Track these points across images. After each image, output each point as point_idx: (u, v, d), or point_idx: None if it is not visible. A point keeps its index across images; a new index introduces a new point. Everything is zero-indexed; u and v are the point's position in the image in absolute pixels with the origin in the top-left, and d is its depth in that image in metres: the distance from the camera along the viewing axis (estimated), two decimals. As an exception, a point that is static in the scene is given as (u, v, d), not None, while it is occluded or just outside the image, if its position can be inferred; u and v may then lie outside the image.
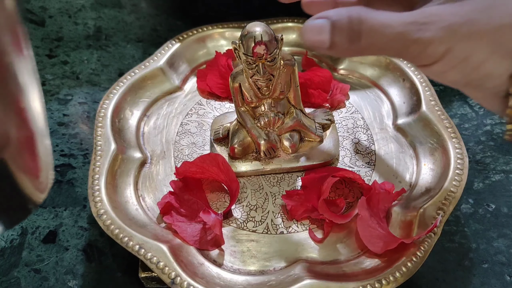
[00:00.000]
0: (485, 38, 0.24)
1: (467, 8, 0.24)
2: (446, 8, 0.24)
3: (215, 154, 0.40)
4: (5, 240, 0.41)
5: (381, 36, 0.25)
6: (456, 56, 0.24)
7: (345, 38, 0.25)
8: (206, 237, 0.37)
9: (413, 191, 0.41)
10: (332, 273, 0.35)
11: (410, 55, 0.25)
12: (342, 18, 0.25)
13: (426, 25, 0.24)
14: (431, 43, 0.24)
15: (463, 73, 0.25)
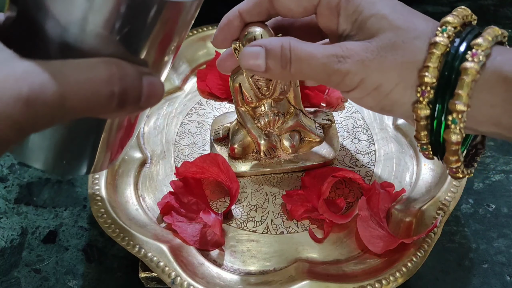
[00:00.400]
0: (391, 71, 0.28)
1: (376, 44, 0.28)
2: (360, 45, 0.28)
3: (215, 154, 0.40)
4: (5, 240, 0.41)
5: (307, 65, 0.29)
6: (369, 85, 0.29)
7: (277, 64, 0.29)
8: (206, 237, 0.37)
9: (413, 191, 0.41)
10: (332, 273, 0.35)
11: (332, 83, 0.29)
12: (275, 46, 0.29)
13: (344, 58, 0.28)
14: (348, 74, 0.28)
15: (376, 100, 0.29)
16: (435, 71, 0.27)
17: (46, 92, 0.17)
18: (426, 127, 0.28)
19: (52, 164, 0.24)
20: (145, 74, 0.21)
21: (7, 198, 0.44)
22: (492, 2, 0.64)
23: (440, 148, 0.29)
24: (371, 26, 0.29)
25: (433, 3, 0.64)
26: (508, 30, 0.59)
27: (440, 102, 0.27)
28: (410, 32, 0.28)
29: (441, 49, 0.27)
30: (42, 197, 0.44)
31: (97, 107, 0.19)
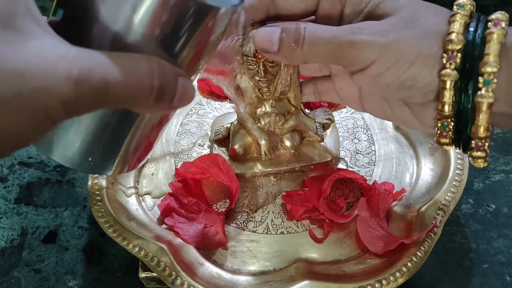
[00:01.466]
0: (411, 42, 0.27)
1: (393, 19, 0.27)
2: (374, 22, 0.28)
3: (215, 155, 0.40)
4: (5, 240, 0.41)
5: (321, 41, 0.28)
6: (387, 59, 0.27)
7: (290, 43, 0.29)
8: (208, 237, 0.37)
9: (413, 191, 0.41)
10: (332, 273, 0.35)
11: (348, 57, 0.28)
12: (291, 26, 0.29)
13: (360, 29, 0.27)
14: (365, 46, 0.27)
15: (396, 74, 0.28)
16: (460, 36, 0.26)
17: (94, 76, 0.18)
18: (451, 97, 0.27)
19: (78, 161, 0.24)
20: (180, 75, 0.22)
21: (7, 198, 0.44)
22: (492, 2, 0.64)
23: (465, 121, 0.28)
24: (386, 7, 0.28)
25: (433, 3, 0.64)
26: (508, 30, 0.59)
27: (468, 66, 0.26)
28: (427, 9, 0.28)
29: (463, 19, 0.27)
30: (42, 197, 0.44)
31: (136, 99, 0.20)
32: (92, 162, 0.24)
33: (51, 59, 0.18)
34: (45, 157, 0.47)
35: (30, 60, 0.18)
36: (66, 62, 0.18)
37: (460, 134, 0.29)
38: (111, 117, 0.23)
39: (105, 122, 0.23)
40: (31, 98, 0.17)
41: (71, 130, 0.23)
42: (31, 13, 0.19)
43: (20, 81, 0.17)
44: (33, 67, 0.18)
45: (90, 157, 0.24)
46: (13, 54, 0.17)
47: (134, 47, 0.21)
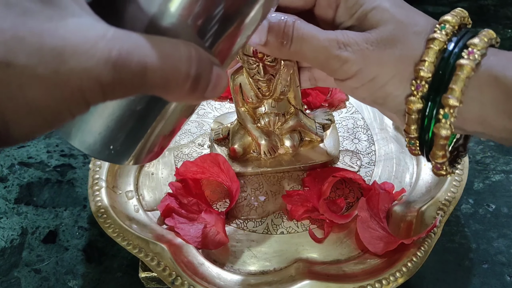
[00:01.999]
0: (388, 64, 0.28)
1: (376, 36, 0.28)
2: (361, 35, 0.29)
3: (215, 154, 0.40)
4: (5, 240, 0.41)
5: (308, 45, 0.29)
6: (365, 76, 0.29)
7: (278, 40, 0.29)
8: (209, 237, 0.37)
9: (413, 191, 0.41)
10: (332, 273, 0.35)
11: (330, 67, 0.29)
12: (279, 21, 0.29)
13: (345, 46, 0.28)
14: (347, 62, 0.28)
15: (370, 91, 0.30)
16: (431, 66, 0.27)
17: (133, 59, 0.18)
18: (416, 121, 0.29)
19: (99, 149, 0.23)
20: (215, 64, 0.22)
21: (7, 198, 0.44)
22: (492, 2, 0.64)
23: (428, 143, 0.29)
24: (372, 18, 0.29)
25: (433, 3, 0.64)
26: (508, 30, 0.59)
27: (433, 96, 0.28)
28: (410, 27, 0.28)
29: (438, 45, 0.27)
30: (42, 197, 0.44)
31: (171, 85, 0.20)
32: (113, 151, 0.23)
33: (90, 38, 0.17)
34: (45, 157, 0.47)
35: (70, 37, 0.17)
36: (105, 42, 0.17)
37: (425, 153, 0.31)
38: (139, 103, 0.22)
39: (132, 109, 0.22)
40: (69, 77, 0.17)
41: (95, 114, 0.22)
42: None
43: (59, 59, 0.17)
44: (73, 45, 0.17)
45: (111, 144, 0.23)
46: (52, 30, 0.17)
47: (170, 31, 0.21)
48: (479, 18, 0.63)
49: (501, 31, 0.60)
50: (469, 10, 0.28)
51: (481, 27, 0.29)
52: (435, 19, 0.30)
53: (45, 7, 0.17)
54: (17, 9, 0.17)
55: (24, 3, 0.17)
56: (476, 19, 0.61)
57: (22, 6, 0.17)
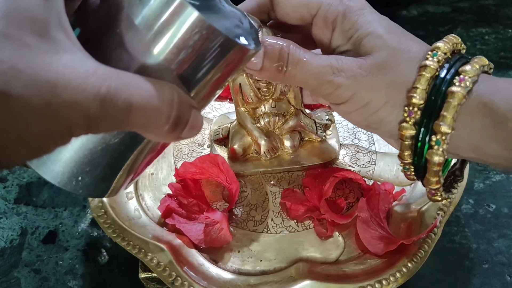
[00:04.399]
0: (381, 90, 0.29)
1: (369, 62, 0.29)
2: (355, 61, 0.29)
3: (215, 155, 0.40)
4: (5, 240, 0.41)
5: (301, 71, 0.29)
6: (358, 101, 0.29)
7: (273, 65, 0.29)
8: (211, 236, 0.37)
9: (413, 191, 0.41)
10: (332, 273, 0.35)
11: (323, 92, 0.30)
12: (274, 47, 0.29)
13: (339, 71, 0.29)
14: (340, 87, 0.29)
15: (364, 116, 0.30)
16: (423, 93, 0.28)
17: (120, 96, 0.19)
18: (410, 147, 0.29)
19: (66, 180, 0.23)
20: (194, 107, 0.22)
21: (7, 198, 0.44)
22: (492, 2, 0.64)
23: (422, 169, 0.29)
24: (366, 44, 0.29)
25: (433, 3, 0.64)
26: (509, 30, 0.59)
27: (425, 123, 0.28)
28: (403, 53, 0.29)
29: (430, 72, 0.28)
30: (42, 197, 0.44)
31: (152, 125, 0.21)
32: (80, 182, 0.24)
33: (82, 74, 0.18)
34: (45, 157, 0.47)
35: (63, 72, 0.18)
36: (95, 79, 0.18)
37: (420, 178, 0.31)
38: (114, 137, 0.23)
39: (106, 142, 0.23)
40: (60, 109, 0.18)
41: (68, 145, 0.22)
42: (62, 24, 0.19)
43: (52, 92, 0.17)
44: (66, 79, 0.18)
45: (79, 176, 0.23)
46: (47, 64, 0.18)
47: (155, 72, 0.21)
48: (479, 18, 0.63)
49: (502, 31, 0.60)
50: (470, 10, 0.28)
51: (482, 27, 0.29)
52: (435, 19, 0.30)
53: (42, 41, 0.18)
54: (15, 42, 0.17)
55: (23, 36, 0.18)
56: (477, 19, 0.61)
57: (20, 39, 0.17)
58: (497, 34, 0.60)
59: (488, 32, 0.60)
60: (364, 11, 0.30)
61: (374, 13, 0.31)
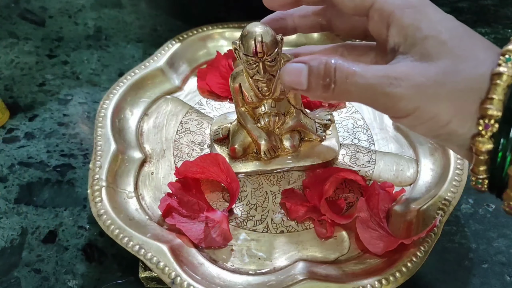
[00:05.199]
0: (449, 102, 0.26)
1: (434, 70, 0.26)
2: (416, 67, 0.26)
3: (215, 154, 0.40)
4: (5, 240, 0.41)
5: (353, 85, 0.27)
6: (424, 114, 0.26)
7: (320, 84, 0.27)
8: (211, 235, 0.37)
9: (413, 191, 0.41)
10: (332, 273, 0.35)
11: (381, 107, 0.27)
12: (320, 64, 0.27)
13: (397, 80, 0.26)
14: (401, 99, 0.26)
15: (431, 129, 0.27)
16: (499, 104, 0.25)
17: None
18: (486, 162, 0.26)
19: None
20: None
21: (7, 198, 0.44)
22: (492, 2, 0.64)
23: (500, 183, 0.27)
24: (428, 48, 0.26)
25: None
26: (508, 30, 0.59)
27: (505, 136, 0.25)
28: (469, 61, 0.26)
29: (506, 80, 0.25)
30: (42, 197, 0.44)
31: None
32: None
33: None
34: (45, 157, 0.47)
35: None
36: None
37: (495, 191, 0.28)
38: None
39: None
40: None
41: None
42: None
43: None
44: None
45: None
46: None
47: None
48: (479, 18, 0.63)
49: (501, 31, 0.60)
50: (469, 10, 0.28)
51: (481, 27, 0.29)
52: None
53: None
54: None
55: None
56: (476, 19, 0.61)
57: None
58: (497, 34, 0.60)
59: (488, 32, 0.60)
60: (427, 9, 0.27)
61: (438, 12, 0.28)
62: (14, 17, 0.63)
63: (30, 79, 0.55)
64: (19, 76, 0.55)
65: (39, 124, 0.50)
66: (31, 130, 0.50)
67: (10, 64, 0.57)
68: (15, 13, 0.63)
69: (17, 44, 0.59)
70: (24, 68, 0.56)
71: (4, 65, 0.57)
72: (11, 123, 0.50)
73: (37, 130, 0.50)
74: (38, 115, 0.51)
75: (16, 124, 0.50)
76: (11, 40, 0.60)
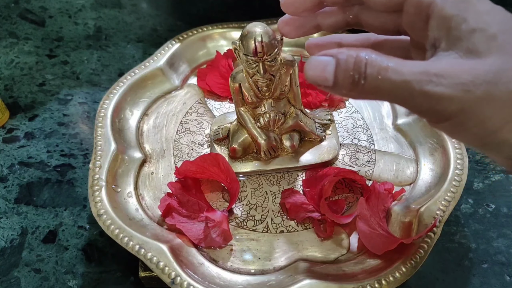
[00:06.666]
0: (502, 105, 0.22)
1: (483, 67, 0.22)
2: (461, 64, 0.23)
3: (215, 154, 0.40)
4: (5, 240, 0.41)
5: (386, 81, 0.23)
6: (470, 118, 0.23)
7: (348, 79, 0.24)
8: (211, 235, 0.37)
9: (413, 191, 0.41)
10: (332, 273, 0.35)
11: (417, 107, 0.24)
12: (349, 58, 0.24)
13: (438, 78, 0.22)
14: (442, 100, 0.22)
15: (477, 136, 0.23)
16: None
17: None
18: None
19: None
20: None
21: (7, 198, 0.44)
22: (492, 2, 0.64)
23: None
24: (475, 44, 0.23)
25: None
26: (508, 30, 0.59)
27: None
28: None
29: None
30: (42, 197, 0.44)
31: None
32: None
33: None
34: (45, 157, 0.47)
35: None
36: None
37: None
38: None
39: None
40: None
41: None
42: None
43: None
44: None
45: None
46: None
47: None
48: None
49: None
50: None
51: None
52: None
53: None
54: None
55: None
56: None
57: None
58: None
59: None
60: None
61: (485, 1, 0.24)
62: (14, 17, 0.63)
63: (30, 79, 0.55)
64: (19, 76, 0.55)
65: (39, 124, 0.50)
66: (31, 130, 0.50)
67: (10, 64, 0.57)
68: (15, 13, 0.63)
69: (17, 44, 0.59)
70: (24, 68, 0.56)
71: (4, 65, 0.57)
72: (11, 123, 0.50)
73: (37, 130, 0.50)
74: (38, 115, 0.51)
75: (16, 124, 0.50)
76: (11, 40, 0.60)
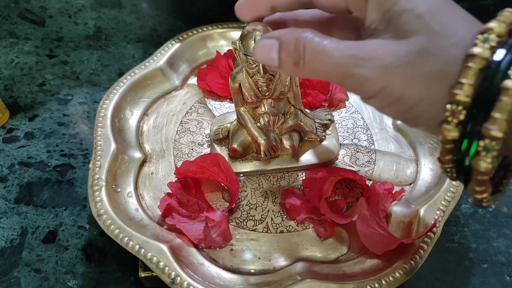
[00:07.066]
0: (416, 83, 0.24)
1: (406, 48, 0.24)
2: (387, 45, 0.25)
3: (215, 154, 0.40)
4: (5, 240, 0.41)
5: (322, 63, 0.26)
6: (390, 95, 0.25)
7: (290, 60, 0.26)
8: (211, 235, 0.37)
9: (413, 191, 0.41)
10: (332, 273, 0.35)
11: (348, 86, 0.26)
12: (290, 40, 0.26)
13: (364, 61, 0.25)
14: (366, 80, 0.25)
15: (398, 111, 0.26)
16: (470, 89, 0.22)
17: None
18: (452, 151, 0.24)
19: None
20: None
21: (7, 198, 0.44)
22: (492, 2, 0.64)
23: (466, 174, 0.25)
24: (403, 24, 0.24)
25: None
26: (508, 30, 0.59)
27: (472, 124, 0.23)
28: (446, 39, 0.24)
29: (479, 63, 0.22)
30: (42, 197, 0.44)
31: None
32: None
33: None
34: (45, 157, 0.47)
35: None
36: None
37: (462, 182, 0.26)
38: None
39: None
40: None
41: None
42: None
43: None
44: None
45: None
46: None
47: None
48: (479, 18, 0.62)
49: (501, 31, 0.60)
50: (469, 10, 0.27)
51: (481, 27, 0.29)
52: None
53: None
54: None
55: None
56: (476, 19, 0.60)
57: None
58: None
59: (488, 32, 0.59)
60: None
61: None
62: (14, 17, 0.63)
63: (30, 79, 0.55)
64: (19, 76, 0.55)
65: (39, 124, 0.50)
66: (31, 130, 0.50)
67: (10, 64, 0.57)
68: (15, 13, 0.63)
69: (17, 44, 0.59)
70: (24, 68, 0.56)
71: (4, 65, 0.57)
72: (11, 123, 0.50)
73: (37, 130, 0.50)
74: (38, 115, 0.51)
75: (16, 124, 0.50)
76: (11, 40, 0.60)
